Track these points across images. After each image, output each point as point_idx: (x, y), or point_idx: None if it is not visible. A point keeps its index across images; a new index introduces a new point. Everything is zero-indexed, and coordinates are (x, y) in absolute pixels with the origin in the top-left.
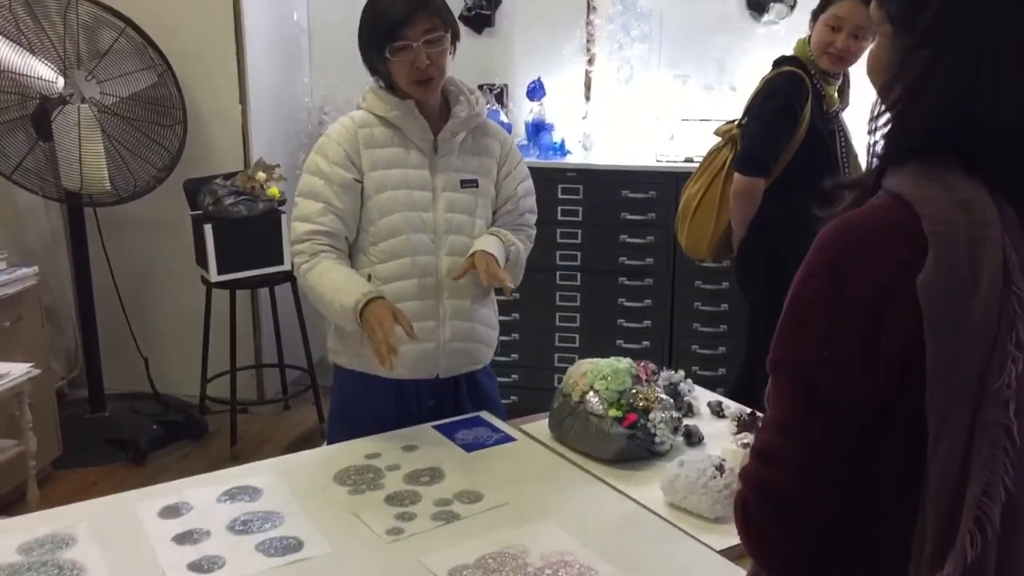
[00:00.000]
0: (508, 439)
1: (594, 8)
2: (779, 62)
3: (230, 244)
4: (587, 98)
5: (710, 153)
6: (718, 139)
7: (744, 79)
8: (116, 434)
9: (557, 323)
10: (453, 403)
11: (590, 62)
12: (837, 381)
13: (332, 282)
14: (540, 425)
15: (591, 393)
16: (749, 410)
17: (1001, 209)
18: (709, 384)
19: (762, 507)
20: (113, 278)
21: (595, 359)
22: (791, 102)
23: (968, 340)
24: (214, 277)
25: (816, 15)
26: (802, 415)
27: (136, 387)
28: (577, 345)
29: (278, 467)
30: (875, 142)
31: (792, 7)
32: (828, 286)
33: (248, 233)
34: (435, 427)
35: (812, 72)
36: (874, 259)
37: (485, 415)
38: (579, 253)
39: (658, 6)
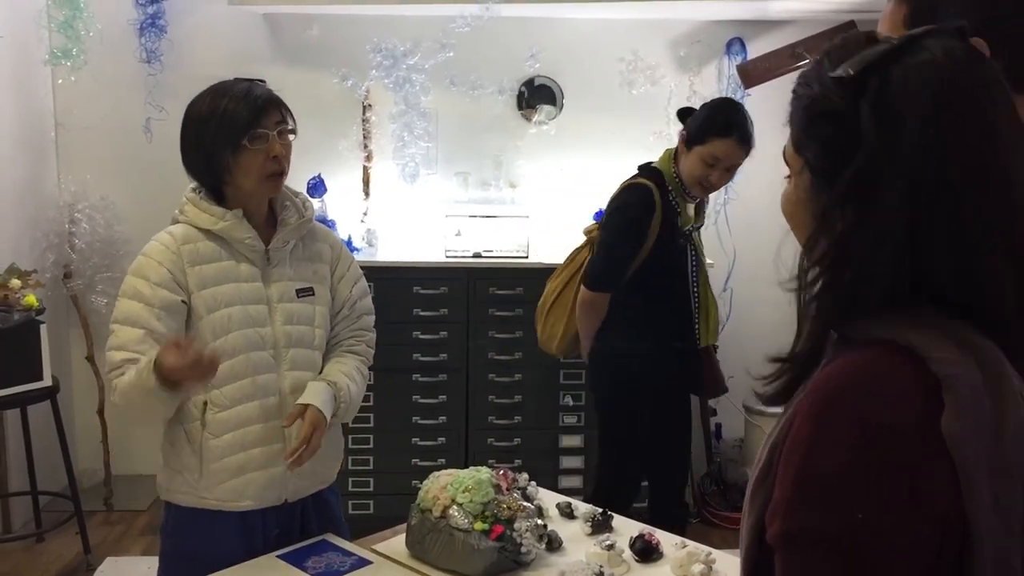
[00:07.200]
0: (364, 562)
1: (370, 106)
2: (641, 169)
3: None
4: (366, 195)
5: (573, 252)
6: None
7: (521, 176)
8: None
9: (349, 424)
10: (300, 528)
11: (368, 159)
12: (880, 546)
13: (135, 369)
14: (393, 543)
15: (454, 507)
16: (600, 510)
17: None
18: None
19: None
20: None
21: (453, 470)
22: (637, 217)
23: (1008, 483)
24: None
25: (691, 144)
26: None
27: None
28: (371, 446)
29: None
30: (808, 302)
31: (560, 109)
32: (854, 441)
33: (1, 348)
34: (280, 557)
35: (669, 188)
36: (898, 405)
37: (331, 538)
38: (371, 351)
39: (434, 106)
